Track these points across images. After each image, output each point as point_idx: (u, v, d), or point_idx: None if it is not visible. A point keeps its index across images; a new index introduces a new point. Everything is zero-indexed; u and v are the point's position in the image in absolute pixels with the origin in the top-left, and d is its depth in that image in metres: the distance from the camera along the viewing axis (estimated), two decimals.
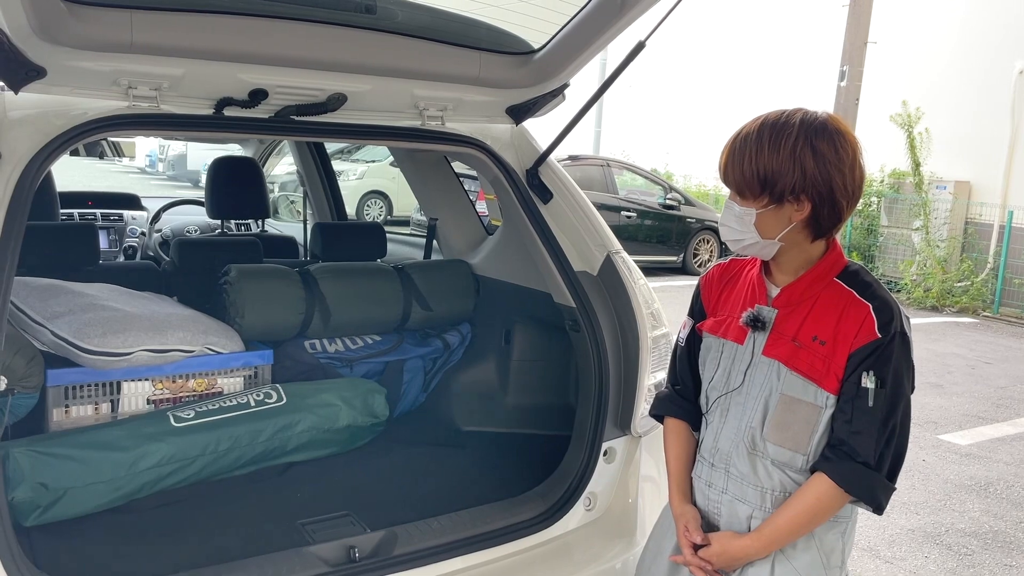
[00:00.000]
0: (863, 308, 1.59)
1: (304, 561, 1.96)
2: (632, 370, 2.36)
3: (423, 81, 2.32)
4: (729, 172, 1.62)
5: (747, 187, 1.59)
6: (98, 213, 4.65)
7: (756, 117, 1.62)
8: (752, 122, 1.61)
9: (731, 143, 1.63)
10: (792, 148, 1.54)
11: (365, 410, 2.66)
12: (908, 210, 12.48)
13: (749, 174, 1.58)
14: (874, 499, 1.59)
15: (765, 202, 1.59)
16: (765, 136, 1.57)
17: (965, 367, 8.14)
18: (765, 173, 1.56)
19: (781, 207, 1.58)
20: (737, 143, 1.61)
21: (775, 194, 1.57)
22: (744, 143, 1.59)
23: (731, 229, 1.65)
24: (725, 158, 1.63)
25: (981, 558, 4.05)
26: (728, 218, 1.65)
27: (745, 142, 1.59)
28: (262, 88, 2.13)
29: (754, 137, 1.58)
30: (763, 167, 1.56)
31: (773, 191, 1.57)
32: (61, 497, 2.10)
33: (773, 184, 1.56)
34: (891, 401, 1.57)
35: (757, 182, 1.57)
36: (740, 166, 1.59)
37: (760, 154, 1.56)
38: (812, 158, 1.54)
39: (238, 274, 2.75)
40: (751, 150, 1.57)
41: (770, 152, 1.55)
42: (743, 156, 1.58)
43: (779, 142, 1.55)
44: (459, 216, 3.46)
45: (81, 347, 2.31)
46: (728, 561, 1.68)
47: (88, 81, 1.97)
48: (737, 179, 1.60)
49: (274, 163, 5.81)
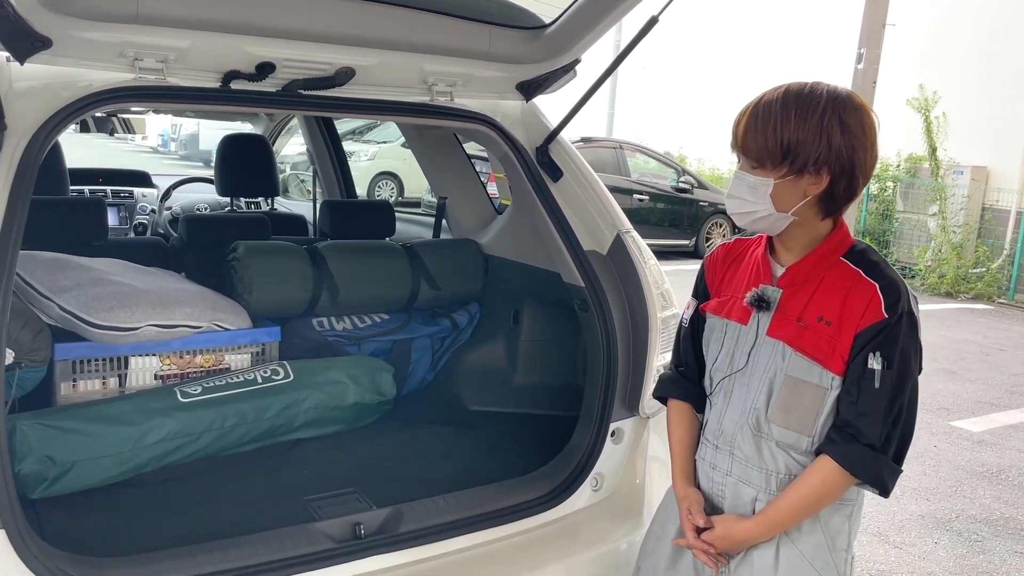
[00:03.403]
0: (870, 288, 1.56)
1: (310, 537, 1.95)
2: (641, 351, 2.33)
3: (432, 55, 2.29)
4: (749, 139, 1.56)
5: (768, 156, 1.54)
6: (108, 190, 4.65)
7: (776, 86, 1.58)
8: (773, 90, 1.56)
9: (751, 109, 1.57)
10: (820, 119, 1.50)
11: (372, 388, 2.65)
12: (924, 195, 12.35)
13: (772, 142, 1.53)
14: (880, 482, 1.56)
15: (783, 172, 1.54)
16: (791, 104, 1.52)
17: (979, 353, 8.08)
18: (790, 142, 1.52)
19: (799, 179, 1.54)
20: (759, 110, 1.55)
21: (796, 164, 1.53)
22: (767, 110, 1.54)
23: (742, 201, 1.60)
24: (744, 125, 1.57)
25: (991, 544, 4.02)
26: (739, 189, 1.60)
27: (768, 109, 1.54)
28: (269, 61, 2.10)
29: (779, 105, 1.53)
30: (788, 136, 1.51)
31: (795, 161, 1.52)
32: (68, 470, 2.11)
33: (796, 154, 1.52)
34: (898, 382, 1.54)
35: (780, 151, 1.53)
36: (764, 133, 1.53)
37: (786, 122, 1.51)
38: (839, 131, 1.51)
39: (246, 251, 2.74)
40: (776, 118, 1.52)
41: (797, 121, 1.51)
42: (766, 123, 1.53)
43: (806, 111, 1.51)
44: (468, 195, 3.43)
45: (89, 321, 2.31)
46: (732, 544, 1.66)
47: (94, 52, 1.95)
48: (759, 147, 1.55)
49: (284, 142, 5.80)
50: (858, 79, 11.21)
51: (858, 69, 11.33)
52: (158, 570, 1.80)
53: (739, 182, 1.60)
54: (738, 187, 1.60)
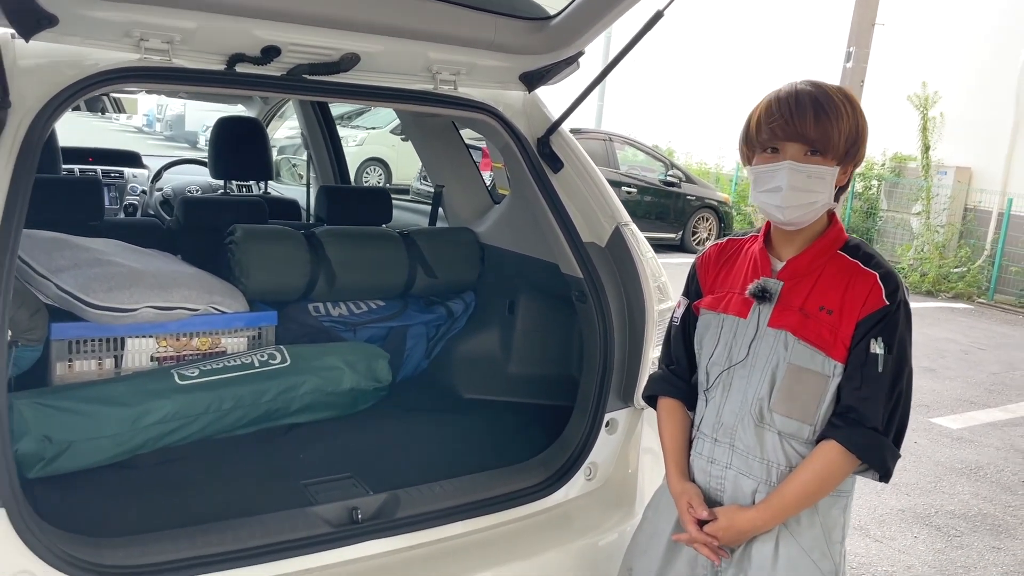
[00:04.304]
0: (870, 277, 1.62)
1: (307, 521, 1.96)
2: (637, 342, 2.35)
3: (437, 44, 2.29)
4: (816, 128, 1.57)
5: (833, 145, 1.59)
6: (99, 170, 4.61)
7: (796, 83, 1.63)
8: (809, 83, 1.62)
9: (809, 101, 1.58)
10: (859, 112, 1.61)
11: (368, 374, 2.66)
12: (908, 194, 12.46)
13: (844, 131, 1.58)
14: (883, 464, 1.61)
15: (837, 161, 1.61)
16: (833, 97, 1.59)
17: (959, 352, 8.18)
18: (857, 132, 1.61)
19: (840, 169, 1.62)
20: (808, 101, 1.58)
21: (851, 155, 1.62)
22: (829, 101, 1.58)
23: (801, 192, 1.59)
24: (811, 115, 1.57)
25: (969, 540, 4.10)
26: (796, 179, 1.58)
27: (829, 100, 1.58)
28: (275, 45, 2.10)
29: (820, 98, 1.58)
30: (855, 126, 1.60)
31: (850, 152, 1.61)
32: (65, 450, 2.10)
33: (858, 145, 1.62)
34: (897, 367, 1.60)
35: (847, 140, 1.59)
36: (836, 122, 1.57)
37: (853, 113, 1.60)
38: (864, 123, 1.63)
39: (244, 234, 2.73)
40: (842, 108, 1.58)
41: (858, 114, 1.61)
42: (836, 113, 1.57)
43: (852, 105, 1.60)
44: (466, 184, 3.44)
45: (86, 301, 2.30)
46: (735, 535, 1.68)
47: (100, 31, 1.94)
48: (827, 135, 1.57)
49: (276, 126, 5.77)
50: (847, 77, 11.28)
51: (847, 68, 11.40)
52: (155, 551, 1.80)
53: (796, 172, 1.58)
54: (794, 177, 1.58)
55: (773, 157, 1.62)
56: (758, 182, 1.64)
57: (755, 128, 1.64)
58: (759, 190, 1.64)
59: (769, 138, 1.61)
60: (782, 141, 1.60)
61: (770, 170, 1.61)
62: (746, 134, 1.68)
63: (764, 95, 1.66)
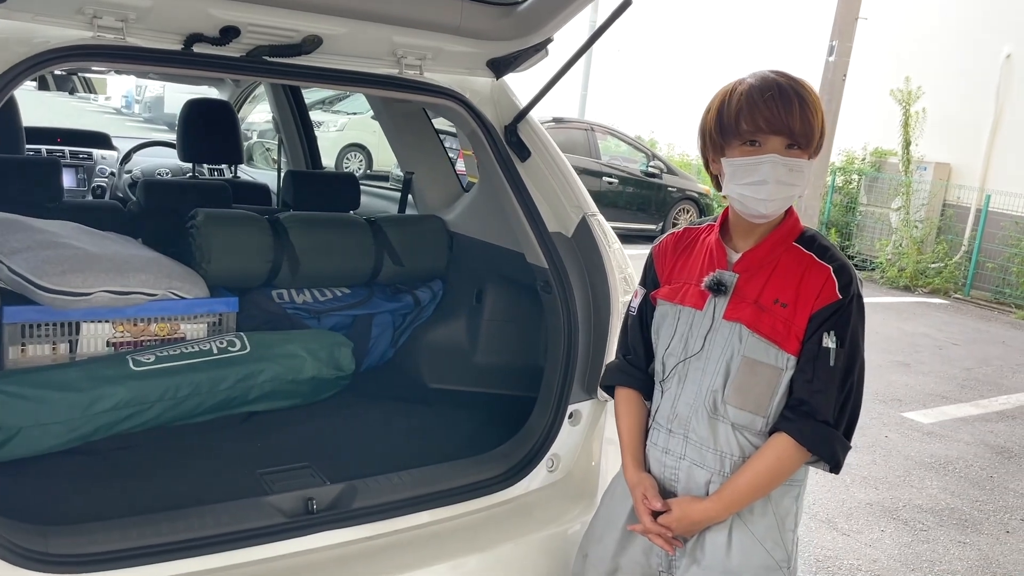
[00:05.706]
0: (824, 270, 1.62)
1: (261, 511, 1.94)
2: (602, 334, 2.34)
3: (402, 27, 2.25)
4: (799, 121, 1.54)
5: (810, 138, 1.57)
6: (67, 151, 4.53)
7: (766, 70, 1.61)
8: (779, 73, 1.59)
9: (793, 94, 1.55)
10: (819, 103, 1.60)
11: (330, 363, 2.63)
12: (888, 189, 12.53)
13: (817, 124, 1.57)
14: (833, 457, 1.62)
15: (809, 154, 1.60)
16: (807, 89, 1.58)
17: (933, 347, 8.24)
18: (822, 126, 1.59)
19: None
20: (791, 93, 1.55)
21: (818, 148, 1.60)
22: (806, 93, 1.57)
23: (783, 185, 1.57)
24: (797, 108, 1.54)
25: (935, 534, 4.13)
26: (778, 173, 1.56)
27: (805, 92, 1.57)
28: (234, 25, 2.04)
29: (799, 90, 1.57)
30: (822, 120, 1.59)
31: (818, 145, 1.60)
32: (14, 436, 2.06)
33: (822, 138, 1.60)
34: (849, 361, 1.60)
35: (818, 132, 1.58)
36: (813, 115, 1.56)
37: (816, 106, 1.57)
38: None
39: (205, 218, 2.68)
40: (810, 101, 1.56)
41: (820, 107, 1.59)
42: (803, 107, 1.55)
43: (814, 97, 1.58)
44: (435, 171, 3.40)
45: (39, 284, 2.25)
46: (688, 526, 1.68)
47: (51, 8, 1.88)
48: (807, 128, 1.56)
49: (250, 109, 5.69)
50: (829, 71, 11.30)
51: (829, 62, 11.41)
52: (104, 539, 1.76)
53: (779, 166, 1.56)
54: (775, 171, 1.56)
55: (755, 150, 1.58)
56: (737, 175, 1.60)
57: (733, 119, 1.58)
58: (739, 183, 1.60)
59: (752, 130, 1.57)
60: (766, 134, 1.56)
61: (752, 163, 1.57)
62: (720, 125, 1.62)
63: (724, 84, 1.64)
